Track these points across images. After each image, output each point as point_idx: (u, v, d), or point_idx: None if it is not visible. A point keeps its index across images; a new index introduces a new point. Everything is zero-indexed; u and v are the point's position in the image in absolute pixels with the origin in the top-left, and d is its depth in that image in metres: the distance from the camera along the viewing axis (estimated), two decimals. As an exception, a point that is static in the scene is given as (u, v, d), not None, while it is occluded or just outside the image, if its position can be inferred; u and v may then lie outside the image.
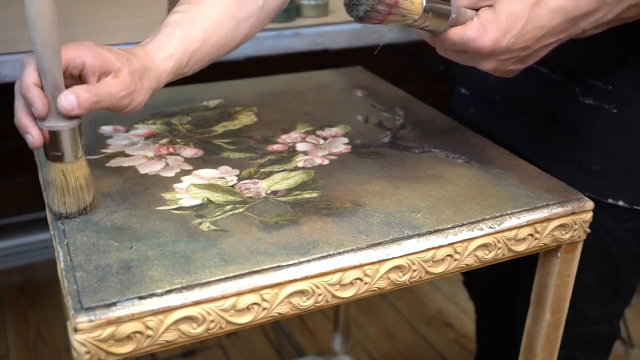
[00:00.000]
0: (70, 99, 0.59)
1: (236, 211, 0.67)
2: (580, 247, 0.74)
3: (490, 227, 0.67)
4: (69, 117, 0.61)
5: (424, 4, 0.61)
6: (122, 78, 0.64)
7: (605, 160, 0.82)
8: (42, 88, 0.60)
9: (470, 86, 1.02)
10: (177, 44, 0.70)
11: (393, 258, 0.62)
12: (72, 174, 0.63)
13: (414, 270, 0.64)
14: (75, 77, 0.63)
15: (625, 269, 0.87)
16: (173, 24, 0.71)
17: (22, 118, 0.61)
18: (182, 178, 0.73)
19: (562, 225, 0.71)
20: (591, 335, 0.92)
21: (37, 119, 0.61)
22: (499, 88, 0.95)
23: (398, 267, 0.63)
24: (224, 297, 0.55)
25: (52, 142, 0.61)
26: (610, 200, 0.82)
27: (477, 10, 0.63)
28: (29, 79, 0.60)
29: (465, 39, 0.62)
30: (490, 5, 0.63)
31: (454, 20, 0.62)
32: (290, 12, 1.20)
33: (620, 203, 0.82)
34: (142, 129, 0.85)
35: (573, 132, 0.84)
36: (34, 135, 0.61)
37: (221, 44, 0.74)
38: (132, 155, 0.78)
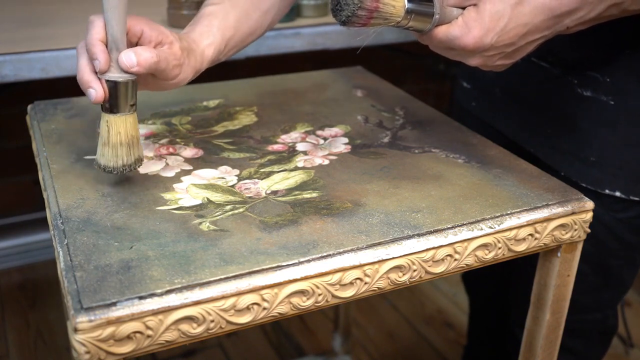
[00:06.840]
0: (130, 56, 0.64)
1: (236, 211, 0.67)
2: (580, 247, 0.74)
3: (490, 227, 0.67)
4: (127, 73, 0.65)
5: (406, 6, 0.63)
6: (175, 49, 0.69)
7: (602, 151, 0.83)
8: (106, 45, 0.65)
9: (471, 79, 1.03)
10: (216, 32, 0.76)
11: (393, 258, 0.62)
12: (115, 126, 0.66)
13: (414, 270, 0.64)
14: (133, 45, 0.68)
15: (616, 257, 0.89)
16: (210, 15, 0.78)
17: (86, 74, 0.65)
18: (182, 178, 0.73)
19: (562, 225, 0.71)
20: (583, 323, 0.92)
21: (98, 73, 0.65)
22: (499, 81, 0.97)
23: (398, 267, 0.63)
24: (224, 297, 0.55)
25: (109, 94, 0.65)
26: (607, 191, 0.84)
27: (463, 8, 0.66)
28: (96, 35, 0.65)
29: (451, 37, 0.65)
30: (474, 5, 0.65)
31: (439, 20, 0.65)
32: (290, 12, 1.20)
33: (617, 194, 0.83)
34: (142, 129, 0.85)
35: (571, 123, 0.86)
36: (96, 90, 0.65)
37: (250, 32, 0.82)
38: (132, 155, 0.78)
